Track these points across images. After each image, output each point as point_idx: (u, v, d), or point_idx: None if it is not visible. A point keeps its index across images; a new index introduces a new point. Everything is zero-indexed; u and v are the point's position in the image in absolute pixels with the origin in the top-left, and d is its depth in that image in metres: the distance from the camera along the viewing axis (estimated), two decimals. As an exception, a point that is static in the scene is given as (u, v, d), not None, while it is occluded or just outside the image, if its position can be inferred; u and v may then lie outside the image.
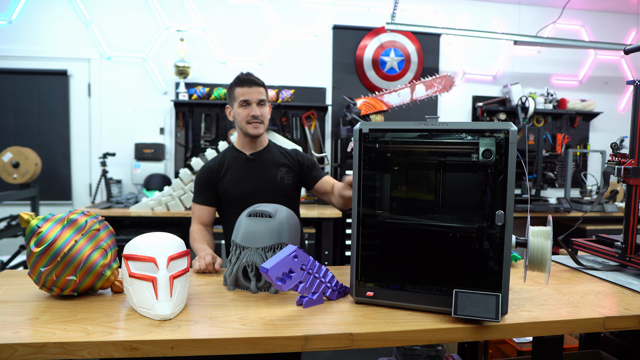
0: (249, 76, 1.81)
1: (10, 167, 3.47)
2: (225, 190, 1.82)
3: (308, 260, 1.22)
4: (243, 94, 1.79)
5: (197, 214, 1.85)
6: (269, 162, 1.86)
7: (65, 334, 1.00)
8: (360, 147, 1.22)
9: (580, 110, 4.68)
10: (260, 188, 1.81)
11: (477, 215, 1.17)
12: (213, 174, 1.84)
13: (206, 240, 1.77)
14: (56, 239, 1.18)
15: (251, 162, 1.85)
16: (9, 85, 4.03)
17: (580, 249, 1.80)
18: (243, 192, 1.81)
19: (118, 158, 4.08)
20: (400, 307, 1.19)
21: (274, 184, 1.83)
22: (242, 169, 1.84)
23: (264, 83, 1.85)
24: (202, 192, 1.85)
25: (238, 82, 1.81)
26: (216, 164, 1.86)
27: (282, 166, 1.86)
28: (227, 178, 1.83)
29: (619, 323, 1.16)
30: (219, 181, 1.83)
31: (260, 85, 1.82)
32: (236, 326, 1.07)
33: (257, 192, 1.80)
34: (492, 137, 1.13)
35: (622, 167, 1.51)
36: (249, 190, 1.81)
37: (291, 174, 1.87)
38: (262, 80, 1.83)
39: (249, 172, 1.83)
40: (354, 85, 4.43)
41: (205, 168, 1.87)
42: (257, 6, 4.29)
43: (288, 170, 1.87)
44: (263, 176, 1.83)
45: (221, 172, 1.84)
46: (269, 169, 1.84)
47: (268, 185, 1.82)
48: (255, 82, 1.80)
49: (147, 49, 4.17)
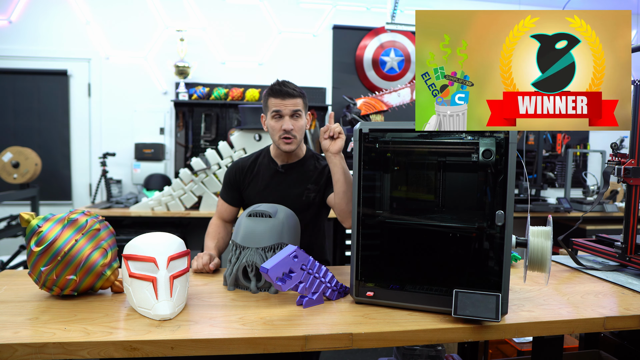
0: (283, 86, 1.62)
1: (10, 167, 3.47)
2: (249, 197, 1.75)
3: (308, 260, 1.22)
4: (275, 104, 1.63)
5: (220, 209, 1.81)
6: (297, 178, 1.73)
7: (65, 334, 1.00)
8: (360, 147, 1.22)
9: (580, 110, 4.68)
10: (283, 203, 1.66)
11: (477, 215, 1.17)
12: (242, 175, 1.77)
13: (218, 238, 1.73)
14: (56, 239, 1.18)
15: (279, 175, 1.74)
16: (9, 85, 4.04)
17: (580, 249, 1.80)
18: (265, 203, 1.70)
19: (118, 158, 4.08)
20: (400, 307, 1.19)
21: (298, 202, 1.70)
22: (269, 180, 1.74)
23: (302, 92, 1.66)
24: (229, 190, 1.79)
25: (271, 92, 1.64)
26: (247, 166, 1.77)
27: (311, 183, 1.72)
28: (253, 184, 1.75)
29: (619, 323, 1.16)
30: (247, 186, 1.76)
31: (295, 96, 1.63)
32: (236, 326, 1.07)
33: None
34: (492, 137, 1.13)
35: (622, 167, 1.51)
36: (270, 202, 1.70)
37: (320, 194, 1.73)
38: (299, 90, 1.64)
39: (275, 184, 1.74)
40: (354, 85, 4.43)
41: (237, 165, 1.79)
42: (257, 6, 4.29)
43: (315, 188, 1.73)
44: (288, 192, 1.72)
45: (249, 176, 1.76)
46: (295, 186, 1.72)
47: (291, 202, 1.65)
48: (289, 94, 1.61)
49: (147, 49, 4.17)
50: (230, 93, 4.11)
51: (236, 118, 4.23)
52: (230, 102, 4.10)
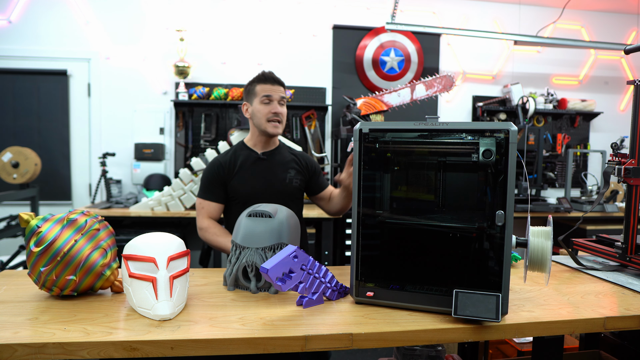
0: (272, 74, 1.81)
1: (10, 167, 3.47)
2: (235, 188, 1.81)
3: (308, 261, 1.22)
4: (265, 90, 1.78)
5: (206, 210, 1.82)
6: (279, 163, 1.86)
7: (65, 334, 1.00)
8: (360, 147, 1.22)
9: (580, 110, 4.68)
10: (269, 188, 1.81)
11: (477, 215, 1.17)
12: (224, 170, 1.82)
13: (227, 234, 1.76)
14: (56, 239, 1.18)
15: (262, 162, 1.84)
16: (9, 85, 4.03)
17: (580, 249, 1.79)
18: (252, 191, 1.79)
19: (118, 158, 4.08)
20: (401, 307, 1.19)
21: (282, 185, 1.83)
22: (252, 168, 1.83)
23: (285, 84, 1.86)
24: (212, 188, 1.82)
25: (262, 79, 1.80)
26: (227, 161, 1.83)
27: (291, 168, 1.87)
28: (238, 175, 1.81)
29: (619, 323, 1.16)
30: (231, 179, 1.81)
31: (282, 85, 1.83)
32: (236, 326, 1.07)
33: (265, 192, 1.80)
34: (493, 137, 1.13)
35: (622, 167, 1.51)
36: (257, 189, 1.80)
37: (299, 177, 1.88)
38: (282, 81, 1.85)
39: (259, 171, 1.83)
40: (354, 85, 4.43)
41: (215, 164, 1.84)
42: (257, 6, 4.29)
43: (297, 173, 1.87)
44: (272, 177, 1.83)
45: (233, 169, 1.82)
46: (278, 170, 1.84)
47: (276, 186, 1.82)
48: (278, 81, 1.82)
49: (147, 49, 4.17)
50: (230, 93, 4.11)
51: (236, 118, 4.23)
52: (230, 102, 4.09)
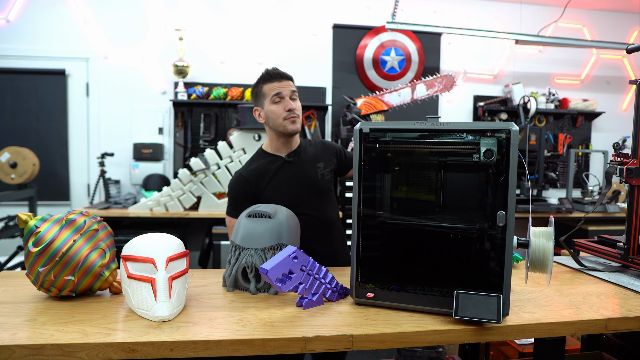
0: (277, 70, 1.67)
1: (8, 167, 3.46)
2: (270, 199, 1.64)
3: (308, 261, 1.21)
4: (274, 88, 1.63)
5: None
6: (306, 161, 1.72)
7: (63, 335, 0.99)
8: (360, 147, 1.21)
9: (582, 110, 4.68)
10: (305, 191, 1.68)
11: (478, 215, 1.16)
12: (250, 185, 1.66)
13: None
14: (54, 239, 1.17)
15: (290, 165, 1.69)
16: (7, 84, 4.02)
17: (582, 250, 1.79)
18: (288, 196, 1.64)
19: (116, 158, 4.07)
20: (401, 308, 1.18)
21: (316, 182, 1.70)
22: (282, 174, 1.68)
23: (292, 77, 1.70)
24: (239, 205, 1.64)
25: (267, 77, 1.65)
26: (252, 174, 1.67)
27: (319, 162, 1.73)
28: (270, 186, 1.66)
29: (621, 324, 1.16)
30: (263, 191, 1.66)
31: (290, 78, 1.67)
32: (235, 327, 1.06)
33: (302, 196, 1.67)
34: (494, 137, 1.12)
35: (624, 167, 1.51)
36: (294, 196, 1.66)
37: (328, 168, 1.74)
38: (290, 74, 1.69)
39: (290, 175, 1.68)
40: (354, 84, 4.42)
41: (240, 179, 1.68)
42: (257, 5, 4.28)
43: (325, 165, 1.73)
44: (304, 177, 1.69)
45: (262, 181, 1.66)
46: (308, 168, 1.70)
47: (311, 186, 1.69)
48: (285, 76, 1.66)
49: (145, 49, 4.16)
50: (229, 93, 4.10)
51: (235, 118, 4.22)
52: (229, 101, 4.08)
